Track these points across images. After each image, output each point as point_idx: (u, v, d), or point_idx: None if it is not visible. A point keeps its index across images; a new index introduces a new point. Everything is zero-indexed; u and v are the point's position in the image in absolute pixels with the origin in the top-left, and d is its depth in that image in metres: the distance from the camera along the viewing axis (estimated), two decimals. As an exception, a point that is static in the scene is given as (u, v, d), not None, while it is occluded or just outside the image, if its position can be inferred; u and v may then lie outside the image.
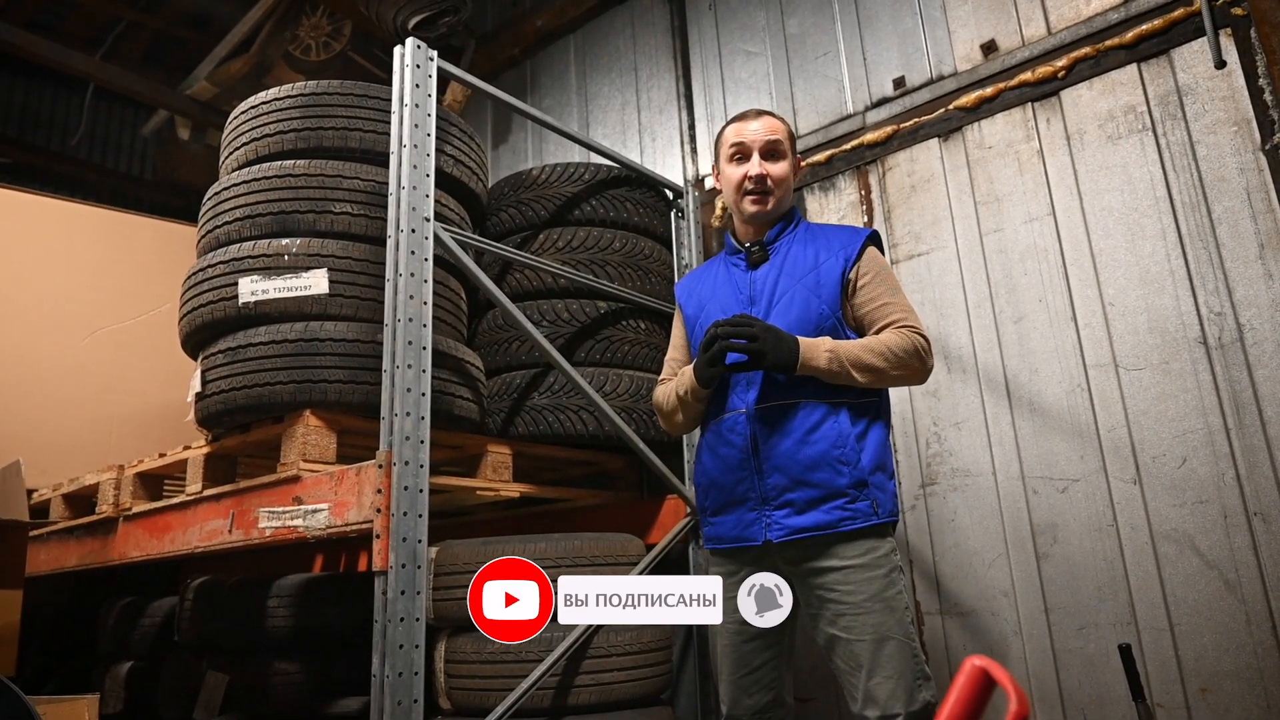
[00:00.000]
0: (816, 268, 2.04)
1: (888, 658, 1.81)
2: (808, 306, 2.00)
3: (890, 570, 1.88)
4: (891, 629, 1.83)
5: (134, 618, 3.89)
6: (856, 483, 1.89)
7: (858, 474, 1.89)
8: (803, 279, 2.04)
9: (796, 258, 2.08)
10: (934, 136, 2.91)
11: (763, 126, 2.12)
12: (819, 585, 1.91)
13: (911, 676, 1.81)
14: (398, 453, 2.07)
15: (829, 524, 1.89)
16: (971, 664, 1.00)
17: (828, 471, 1.90)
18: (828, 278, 2.02)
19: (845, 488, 1.89)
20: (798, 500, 1.92)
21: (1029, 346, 2.59)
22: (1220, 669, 2.15)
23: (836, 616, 1.87)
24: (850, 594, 1.86)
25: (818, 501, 1.90)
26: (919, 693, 1.80)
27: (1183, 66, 2.48)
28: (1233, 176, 2.35)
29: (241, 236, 2.50)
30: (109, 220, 3.97)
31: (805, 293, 2.02)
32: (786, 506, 1.93)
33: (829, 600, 1.89)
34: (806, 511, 1.91)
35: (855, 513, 1.88)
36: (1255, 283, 2.26)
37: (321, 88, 2.62)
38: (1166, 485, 2.30)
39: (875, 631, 1.83)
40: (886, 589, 1.86)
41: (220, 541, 2.49)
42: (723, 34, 3.60)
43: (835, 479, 1.89)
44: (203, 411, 2.46)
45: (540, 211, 2.98)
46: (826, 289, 2.01)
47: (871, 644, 1.82)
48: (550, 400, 2.79)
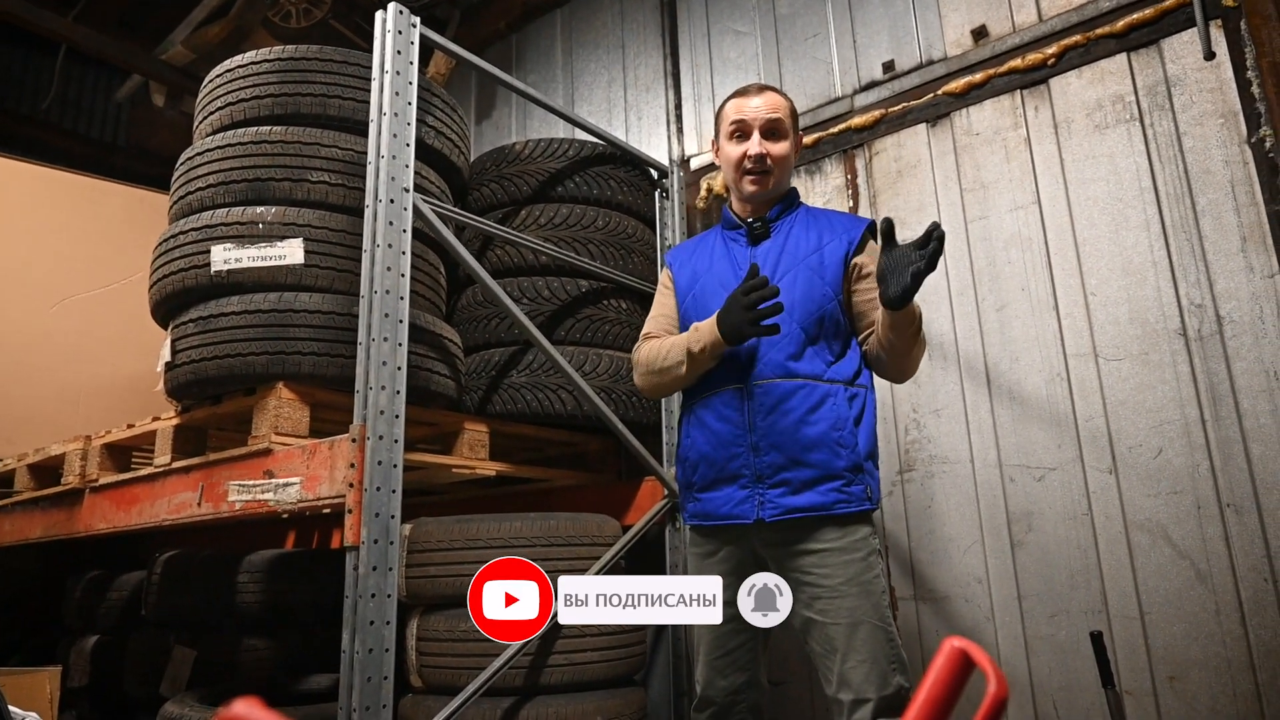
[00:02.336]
0: (820, 249, 2.02)
1: (862, 642, 1.80)
2: (811, 286, 1.98)
3: (868, 554, 1.87)
4: (867, 613, 1.82)
5: (101, 592, 3.83)
6: (853, 466, 1.88)
7: (854, 458, 1.89)
8: (805, 259, 2.02)
9: (799, 238, 2.06)
10: (922, 122, 2.89)
11: (764, 104, 2.07)
12: (796, 568, 1.90)
13: (885, 661, 1.80)
14: (371, 427, 2.04)
15: (823, 505, 1.87)
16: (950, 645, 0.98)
17: (826, 452, 1.88)
18: (831, 260, 2.01)
19: (842, 470, 1.88)
20: (794, 480, 1.90)
21: (1010, 335, 2.59)
22: (1189, 658, 2.17)
23: (813, 599, 1.87)
24: (827, 577, 1.85)
25: (814, 482, 1.89)
26: (892, 677, 1.80)
27: (1172, 57, 2.47)
28: (1218, 169, 2.35)
29: (215, 203, 2.44)
30: (79, 186, 3.88)
31: (808, 273, 2.00)
32: (782, 485, 1.91)
33: (805, 583, 1.88)
34: (802, 492, 1.89)
35: (850, 496, 1.88)
36: (1236, 275, 2.27)
37: (300, 52, 2.56)
38: (1142, 475, 2.31)
39: (850, 615, 1.82)
40: (864, 573, 1.85)
41: (189, 515, 2.44)
42: (712, 12, 3.56)
43: (834, 461, 1.88)
44: (172, 381, 2.40)
45: (523, 187, 2.94)
46: (830, 271, 2.00)
47: (846, 628, 1.82)
48: (529, 379, 2.76)
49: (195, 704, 2.66)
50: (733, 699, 2.04)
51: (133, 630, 3.48)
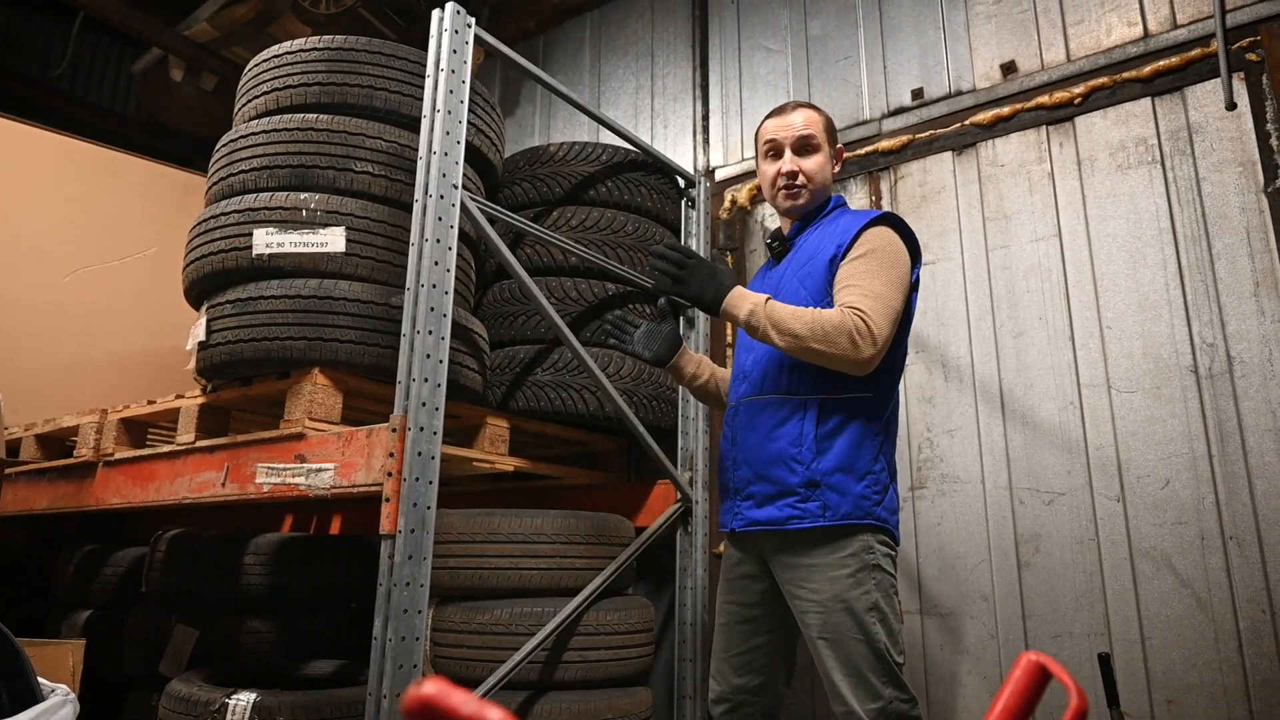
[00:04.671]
0: (814, 257, 2.03)
1: (847, 657, 1.82)
2: (795, 297, 2.01)
3: (858, 570, 1.85)
4: (850, 629, 1.82)
5: (96, 566, 3.81)
6: (807, 482, 1.90)
7: (809, 474, 1.90)
8: (799, 270, 2.06)
9: (808, 248, 2.08)
10: (948, 150, 2.97)
11: (796, 121, 2.12)
12: (788, 580, 1.95)
13: (875, 674, 1.80)
14: (413, 418, 2.07)
15: (778, 520, 1.93)
16: (1028, 659, 1.04)
17: (782, 469, 1.93)
18: (819, 265, 2.00)
19: (795, 486, 1.91)
20: (758, 494, 1.99)
21: (1026, 362, 2.67)
22: (1187, 682, 2.26)
23: (802, 613, 1.91)
24: (815, 592, 1.88)
25: (773, 497, 1.95)
26: (884, 689, 1.80)
27: (1195, 105, 2.57)
28: (1234, 215, 2.44)
29: (258, 187, 2.46)
30: (98, 157, 3.86)
31: (796, 285, 2.04)
32: (750, 499, 2.01)
33: (795, 596, 1.93)
34: (763, 505, 1.97)
35: (804, 512, 1.89)
36: (1248, 318, 2.36)
37: (350, 43, 2.58)
38: (1149, 505, 2.40)
39: (835, 632, 1.84)
40: (850, 589, 1.84)
41: (212, 494, 2.46)
42: (744, 28, 3.62)
43: (788, 476, 1.92)
44: (205, 361, 2.41)
45: (555, 189, 2.98)
46: (813, 278, 2.00)
47: (831, 644, 1.84)
48: (554, 377, 2.80)
49: (202, 683, 2.66)
50: (745, 699, 2.09)
51: (130, 607, 3.46)
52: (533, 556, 2.54)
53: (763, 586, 2.06)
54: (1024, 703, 1.02)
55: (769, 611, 2.07)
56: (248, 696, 2.51)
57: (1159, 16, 2.69)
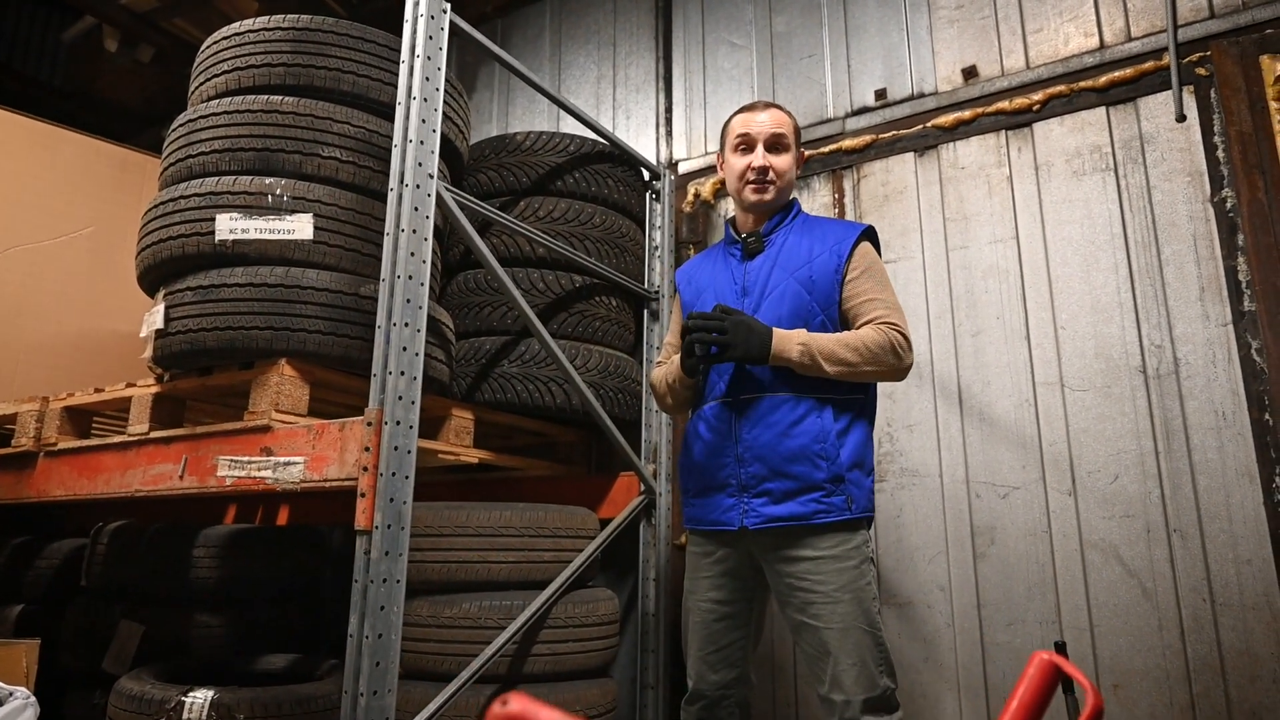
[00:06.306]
0: (810, 262, 2.10)
1: (853, 646, 1.90)
2: (799, 302, 2.07)
3: (861, 562, 1.97)
4: (858, 619, 1.91)
5: (28, 559, 3.64)
6: (833, 478, 1.97)
7: (835, 469, 1.97)
8: (795, 272, 2.10)
9: (791, 250, 2.14)
10: (910, 151, 3.04)
11: (769, 119, 2.19)
12: (790, 574, 1.99)
13: (874, 664, 1.91)
14: (389, 412, 2.03)
15: (803, 515, 1.97)
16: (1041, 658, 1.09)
17: (806, 465, 1.98)
18: (821, 274, 2.08)
19: (822, 481, 1.97)
20: (775, 490, 2.00)
21: (983, 360, 2.76)
22: (1132, 668, 2.38)
23: (806, 604, 1.96)
24: (821, 584, 1.94)
25: (794, 493, 1.98)
26: (880, 679, 1.90)
27: (1147, 115, 2.68)
28: (1183, 222, 2.56)
29: (220, 170, 2.37)
30: (28, 129, 3.65)
31: (797, 287, 2.08)
32: (764, 495, 2.01)
33: (799, 589, 1.97)
34: (783, 502, 1.99)
35: (830, 506, 1.96)
36: (1194, 322, 2.48)
37: (315, 23, 2.50)
38: (1098, 498, 2.51)
39: (843, 621, 1.91)
40: (856, 580, 1.95)
41: (169, 487, 2.37)
42: (708, 21, 3.63)
43: (813, 472, 1.97)
44: (163, 350, 2.32)
45: (522, 178, 2.95)
46: (819, 285, 2.07)
47: (839, 632, 1.91)
48: (520, 369, 2.78)
49: (154, 681, 2.58)
50: (723, 693, 2.13)
51: (66, 601, 3.32)
52: (501, 550, 2.53)
53: (742, 583, 2.10)
54: (1038, 701, 1.07)
55: (746, 606, 2.11)
56: (204, 694, 2.44)
57: (1114, 28, 2.79)
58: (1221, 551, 2.33)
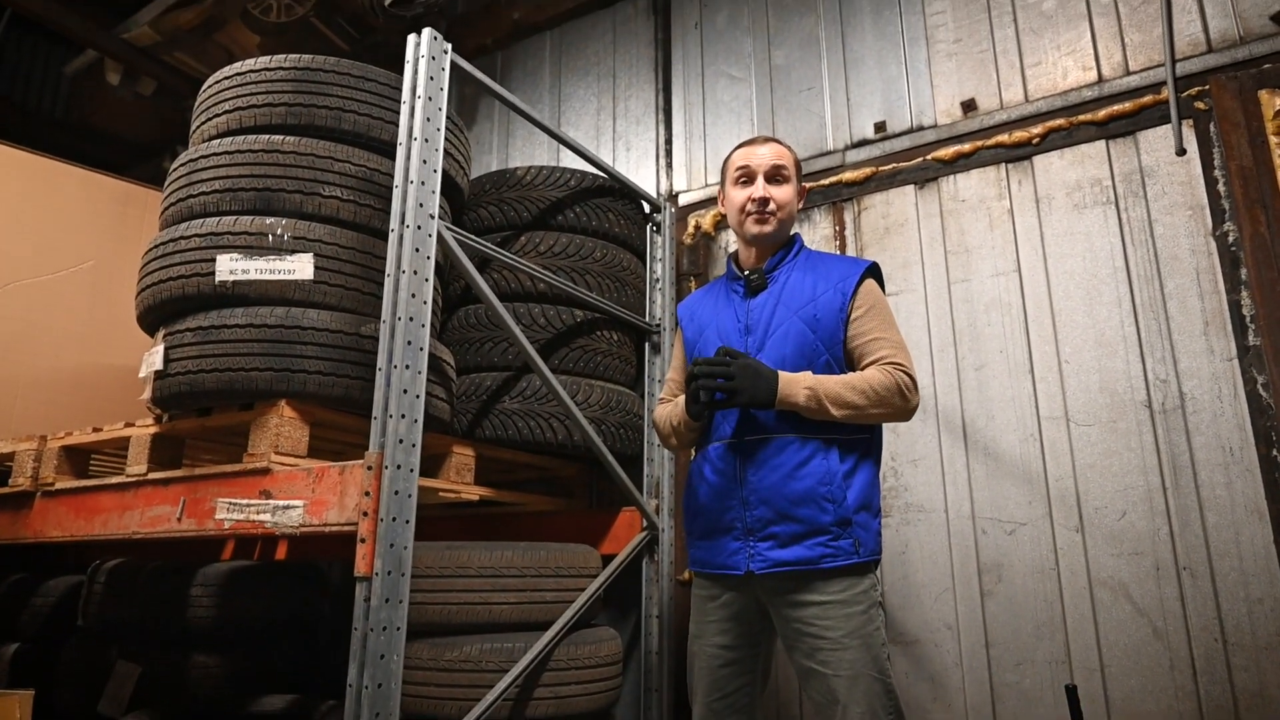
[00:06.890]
0: (814, 300, 2.08)
1: (862, 694, 1.86)
2: (803, 340, 2.05)
3: (869, 607, 1.93)
4: (867, 665, 1.87)
5: (24, 597, 3.61)
6: (840, 520, 1.93)
7: (842, 512, 1.94)
8: (799, 311, 2.08)
9: (795, 287, 2.12)
10: (910, 183, 3.04)
11: (769, 152, 2.19)
12: (798, 619, 1.95)
13: (884, 712, 1.87)
14: (390, 456, 2.01)
15: (810, 560, 1.93)
16: None
17: (812, 508, 1.94)
18: (825, 312, 2.05)
19: (829, 525, 1.93)
20: (782, 534, 1.97)
21: (988, 394, 2.74)
22: (1144, 709, 2.34)
23: (814, 650, 1.92)
24: (829, 629, 1.91)
25: (801, 536, 1.95)
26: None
27: (1147, 149, 2.68)
28: (1185, 256, 2.55)
29: (220, 210, 2.37)
30: (29, 164, 3.65)
31: (801, 326, 2.06)
32: (770, 539, 1.98)
33: (806, 634, 1.93)
34: (790, 545, 1.95)
35: (837, 550, 1.93)
36: (1199, 356, 2.47)
37: (317, 63, 2.50)
38: (1106, 535, 2.48)
39: (851, 668, 1.87)
40: (864, 625, 1.91)
41: (166, 529, 2.35)
42: (707, 54, 3.64)
43: (820, 515, 1.94)
44: (162, 390, 2.31)
45: (523, 213, 2.94)
46: (824, 324, 2.05)
47: (848, 680, 1.87)
48: (521, 405, 2.76)
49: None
50: (732, 737, 2.09)
51: (62, 640, 3.29)
52: (503, 590, 2.50)
53: (748, 627, 2.07)
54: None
55: (752, 651, 2.08)
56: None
57: (1112, 62, 2.80)
58: (1232, 590, 2.30)
